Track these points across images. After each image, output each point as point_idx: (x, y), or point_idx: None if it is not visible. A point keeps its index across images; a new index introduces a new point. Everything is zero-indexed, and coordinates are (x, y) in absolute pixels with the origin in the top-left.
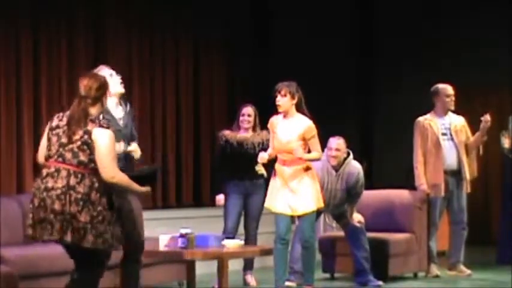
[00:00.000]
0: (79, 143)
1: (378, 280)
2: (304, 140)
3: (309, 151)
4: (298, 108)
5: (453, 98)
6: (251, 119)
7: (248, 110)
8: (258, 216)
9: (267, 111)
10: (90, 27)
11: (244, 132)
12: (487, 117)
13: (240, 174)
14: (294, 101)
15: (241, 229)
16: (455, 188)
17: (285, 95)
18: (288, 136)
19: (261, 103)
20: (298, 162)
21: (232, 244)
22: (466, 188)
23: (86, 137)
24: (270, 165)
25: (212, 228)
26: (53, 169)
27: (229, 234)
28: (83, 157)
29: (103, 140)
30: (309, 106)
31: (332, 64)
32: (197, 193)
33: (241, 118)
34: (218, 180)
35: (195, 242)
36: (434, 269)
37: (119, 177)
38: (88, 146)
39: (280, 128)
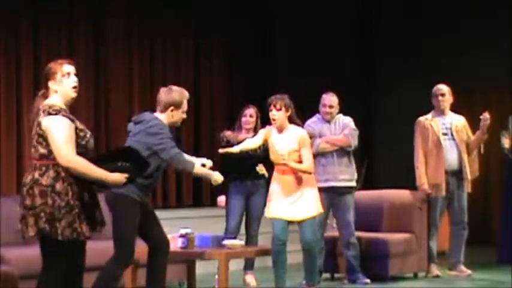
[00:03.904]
0: (36, 136)
1: (366, 278)
2: (299, 150)
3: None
4: (291, 120)
5: (446, 98)
6: (253, 119)
7: (250, 111)
8: (259, 217)
9: (266, 111)
10: (91, 27)
11: (246, 133)
12: (486, 115)
13: (241, 175)
14: (288, 114)
15: (242, 229)
16: (456, 188)
17: (280, 109)
18: (286, 149)
19: (261, 104)
20: (296, 171)
21: (233, 244)
22: (467, 188)
23: (38, 128)
24: (271, 166)
25: (212, 228)
26: (31, 166)
27: (231, 234)
28: (42, 149)
29: (52, 127)
30: (308, 106)
31: (332, 64)
32: (197, 193)
33: (243, 119)
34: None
35: (195, 242)
36: (435, 269)
37: (75, 162)
38: (43, 137)
39: (276, 140)
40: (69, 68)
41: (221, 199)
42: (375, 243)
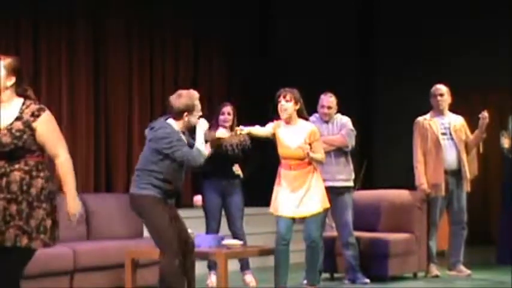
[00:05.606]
0: None
1: (366, 278)
2: (310, 144)
3: None
4: (300, 114)
5: (445, 98)
6: (230, 117)
7: (228, 109)
8: (241, 215)
9: (266, 111)
10: (91, 27)
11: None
12: (484, 114)
13: (217, 173)
14: (297, 107)
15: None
16: (455, 188)
17: (290, 100)
18: (296, 142)
19: (261, 103)
20: (303, 165)
21: (232, 244)
22: (466, 187)
23: None
24: (247, 166)
25: None
26: None
27: (212, 233)
28: None
29: None
30: (308, 107)
31: (332, 64)
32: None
33: (221, 117)
34: (198, 179)
35: (195, 242)
36: (434, 269)
37: None
38: None
39: (285, 134)
40: None
41: (197, 198)
42: (375, 243)
